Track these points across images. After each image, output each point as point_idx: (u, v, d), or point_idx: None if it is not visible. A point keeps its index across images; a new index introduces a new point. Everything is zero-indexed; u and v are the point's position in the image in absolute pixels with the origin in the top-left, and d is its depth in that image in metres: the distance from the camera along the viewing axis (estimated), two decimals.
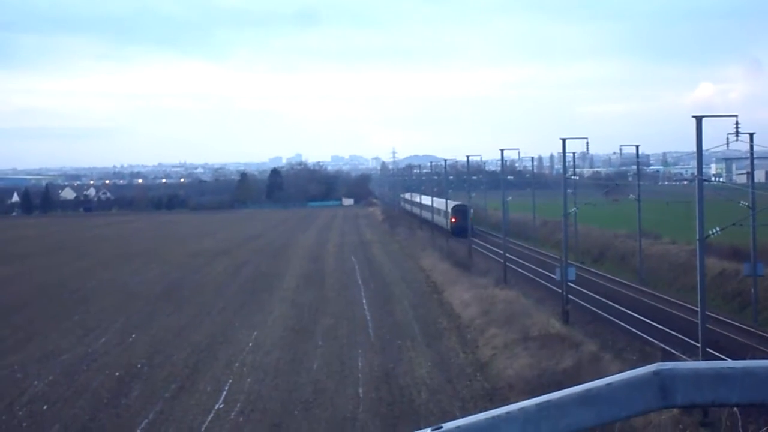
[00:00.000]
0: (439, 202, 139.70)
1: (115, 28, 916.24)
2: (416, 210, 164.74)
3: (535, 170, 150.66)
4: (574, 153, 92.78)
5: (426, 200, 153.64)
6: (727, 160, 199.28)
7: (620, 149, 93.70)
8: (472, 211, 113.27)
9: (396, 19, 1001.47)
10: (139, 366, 46.83)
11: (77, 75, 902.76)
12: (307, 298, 69.27)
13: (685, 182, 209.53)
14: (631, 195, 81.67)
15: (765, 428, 13.15)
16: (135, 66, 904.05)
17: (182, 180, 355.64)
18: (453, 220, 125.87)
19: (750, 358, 3.51)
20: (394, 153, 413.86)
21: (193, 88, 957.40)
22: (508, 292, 63.99)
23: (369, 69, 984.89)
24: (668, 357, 43.63)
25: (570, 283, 61.51)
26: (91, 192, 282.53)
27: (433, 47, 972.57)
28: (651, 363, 3.34)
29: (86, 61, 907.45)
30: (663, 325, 56.01)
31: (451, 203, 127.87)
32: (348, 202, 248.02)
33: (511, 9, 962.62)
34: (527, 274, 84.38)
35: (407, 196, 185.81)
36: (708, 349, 42.11)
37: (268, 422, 36.27)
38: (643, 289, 71.99)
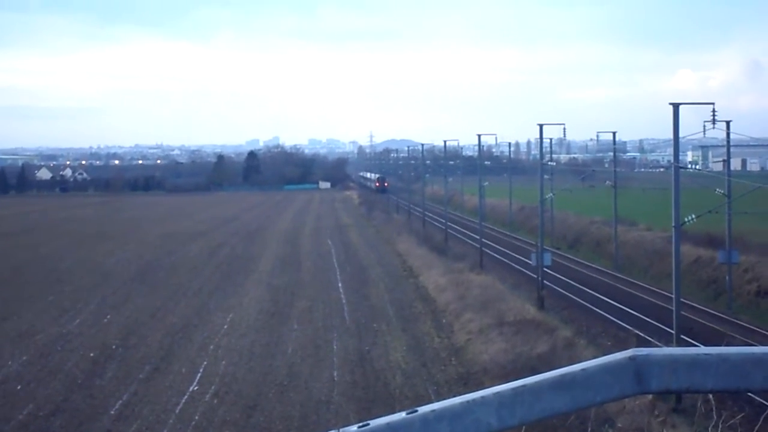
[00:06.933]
0: (371, 175, 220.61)
1: (99, 8, 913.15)
2: (362, 181, 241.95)
3: (512, 156, 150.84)
4: (551, 139, 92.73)
5: (366, 174, 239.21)
6: (704, 148, 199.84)
7: (597, 136, 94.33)
8: (388, 180, 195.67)
9: (378, 1, 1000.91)
10: (113, 347, 46.73)
11: (58, 54, 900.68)
12: (282, 281, 69.17)
13: (662, 169, 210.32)
14: (607, 181, 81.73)
15: (739, 415, 13.19)
16: (116, 47, 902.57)
17: (159, 161, 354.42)
18: (377, 184, 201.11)
19: (725, 345, 3.51)
20: (371, 137, 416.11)
21: (171, 69, 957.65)
22: (484, 277, 64.12)
23: (348, 52, 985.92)
24: (643, 343, 43.74)
25: (545, 269, 61.57)
26: (68, 172, 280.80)
27: (414, 30, 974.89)
28: (625, 349, 3.32)
29: (68, 40, 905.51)
30: (638, 312, 56.18)
31: (376, 175, 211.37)
32: (325, 185, 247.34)
33: None
34: (503, 259, 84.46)
35: (360, 173, 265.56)
36: (682, 336, 42.29)
37: (242, 404, 36.26)
38: (619, 275, 72.14)
